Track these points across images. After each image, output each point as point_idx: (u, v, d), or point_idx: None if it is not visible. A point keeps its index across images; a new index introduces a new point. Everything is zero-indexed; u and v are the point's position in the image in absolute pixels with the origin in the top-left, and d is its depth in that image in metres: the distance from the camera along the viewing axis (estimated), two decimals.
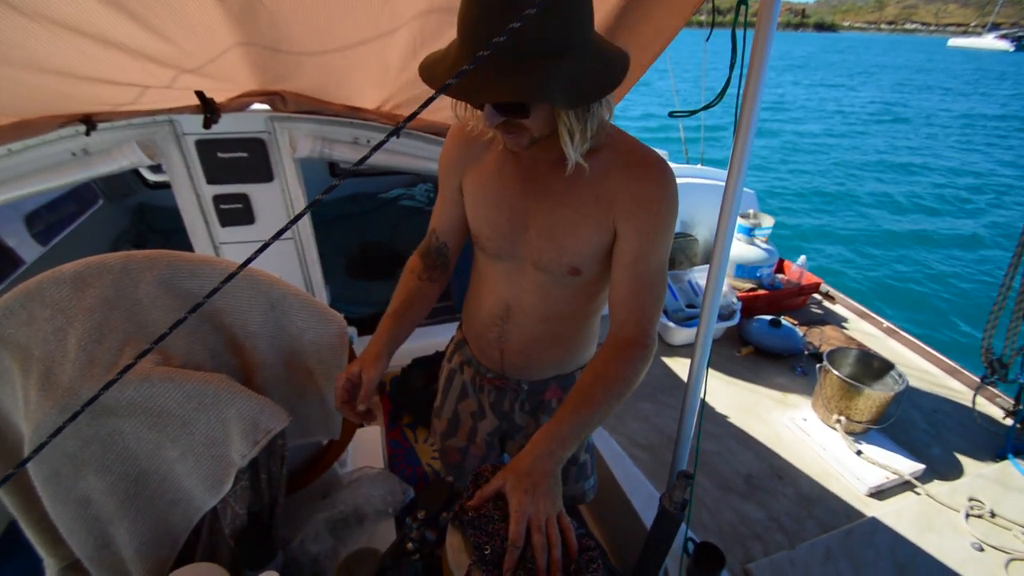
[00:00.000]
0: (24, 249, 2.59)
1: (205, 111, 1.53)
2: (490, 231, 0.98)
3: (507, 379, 1.16)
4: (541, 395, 1.18)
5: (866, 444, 2.21)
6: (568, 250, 0.92)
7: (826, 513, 1.96)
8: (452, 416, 1.29)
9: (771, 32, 0.71)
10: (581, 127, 0.77)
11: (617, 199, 0.87)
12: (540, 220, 0.92)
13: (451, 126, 1.02)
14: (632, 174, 0.85)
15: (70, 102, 1.42)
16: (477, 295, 1.13)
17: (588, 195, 0.88)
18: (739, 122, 0.77)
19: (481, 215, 0.99)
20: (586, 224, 0.89)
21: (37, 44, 0.97)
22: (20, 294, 0.83)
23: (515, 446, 1.29)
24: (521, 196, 0.93)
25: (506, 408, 1.21)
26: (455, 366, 1.26)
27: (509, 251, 0.98)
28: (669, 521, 0.86)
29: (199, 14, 1.03)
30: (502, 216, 0.95)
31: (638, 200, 0.86)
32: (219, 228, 1.92)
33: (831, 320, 3.14)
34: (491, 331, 1.10)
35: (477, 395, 1.23)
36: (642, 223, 0.87)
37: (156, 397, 0.84)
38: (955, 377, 2.72)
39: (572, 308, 1.04)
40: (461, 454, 1.31)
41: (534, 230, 0.94)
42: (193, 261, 0.91)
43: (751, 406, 2.48)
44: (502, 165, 0.94)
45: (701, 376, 0.95)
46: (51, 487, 0.86)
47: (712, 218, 3.33)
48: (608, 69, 0.72)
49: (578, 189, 0.88)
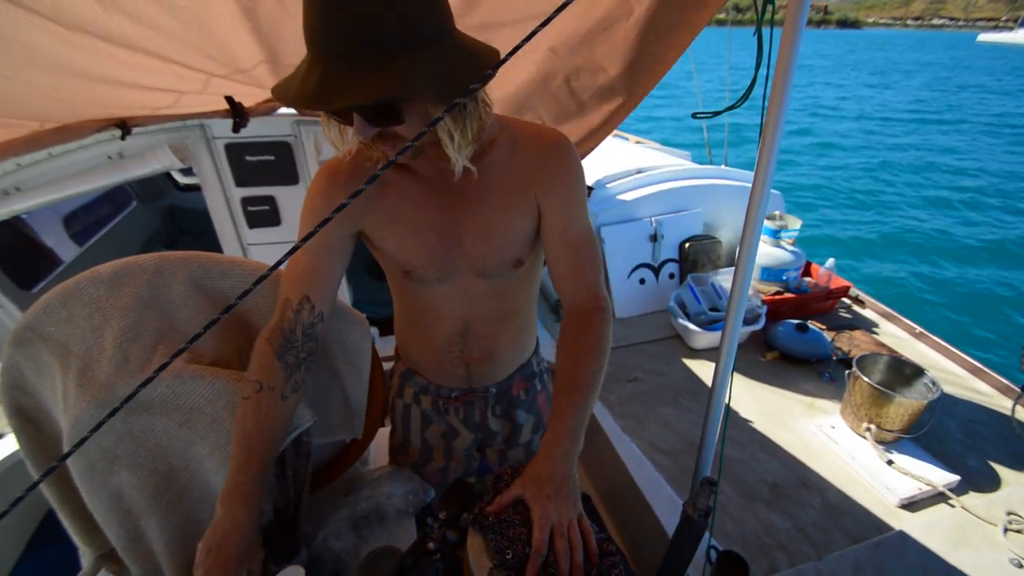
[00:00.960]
0: (62, 249, 2.69)
1: (235, 116, 1.57)
2: (423, 259, 0.92)
3: (475, 391, 1.15)
4: (509, 393, 1.18)
5: (897, 454, 2.14)
6: (508, 246, 0.92)
7: (855, 524, 1.90)
8: (422, 445, 1.24)
9: (799, 30, 0.69)
10: (460, 128, 0.74)
11: (533, 179, 0.88)
12: (471, 228, 0.90)
13: (319, 173, 0.91)
14: (537, 152, 0.87)
15: (107, 107, 1.47)
16: (420, 326, 1.08)
17: (506, 186, 0.88)
18: (765, 124, 0.76)
19: (408, 248, 0.92)
20: (515, 214, 0.90)
21: (75, 53, 1.01)
22: (60, 293, 0.87)
23: (494, 452, 1.27)
24: (440, 212, 0.89)
25: (478, 419, 1.19)
26: (408, 400, 1.21)
27: (448, 271, 0.94)
28: (692, 528, 0.84)
29: (231, 35, 1.06)
30: (431, 240, 0.90)
31: (551, 172, 0.88)
32: (247, 230, 1.97)
33: (860, 325, 3.05)
34: (451, 352, 1.08)
35: (443, 417, 1.20)
36: (562, 194, 0.89)
37: (187, 394, 0.86)
38: (993, 386, 2.62)
39: (522, 296, 1.05)
40: (442, 474, 1.28)
41: (468, 239, 0.91)
42: (223, 262, 0.93)
43: (777, 413, 2.43)
44: (407, 190, 0.89)
45: (726, 381, 0.94)
46: (87, 479, 0.90)
47: (736, 220, 3.30)
48: (474, 62, 0.69)
49: (494, 184, 0.88)
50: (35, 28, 0.88)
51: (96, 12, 0.86)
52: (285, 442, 0.90)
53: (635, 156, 3.64)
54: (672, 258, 3.13)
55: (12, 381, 0.91)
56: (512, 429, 1.22)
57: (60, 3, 0.82)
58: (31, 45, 0.94)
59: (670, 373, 2.70)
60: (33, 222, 2.57)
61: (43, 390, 0.92)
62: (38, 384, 0.92)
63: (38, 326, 0.86)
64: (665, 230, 3.04)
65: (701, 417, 2.46)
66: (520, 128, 0.90)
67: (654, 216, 3.03)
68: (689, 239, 3.13)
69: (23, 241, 2.50)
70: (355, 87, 0.61)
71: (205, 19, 0.97)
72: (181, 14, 0.94)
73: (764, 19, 0.75)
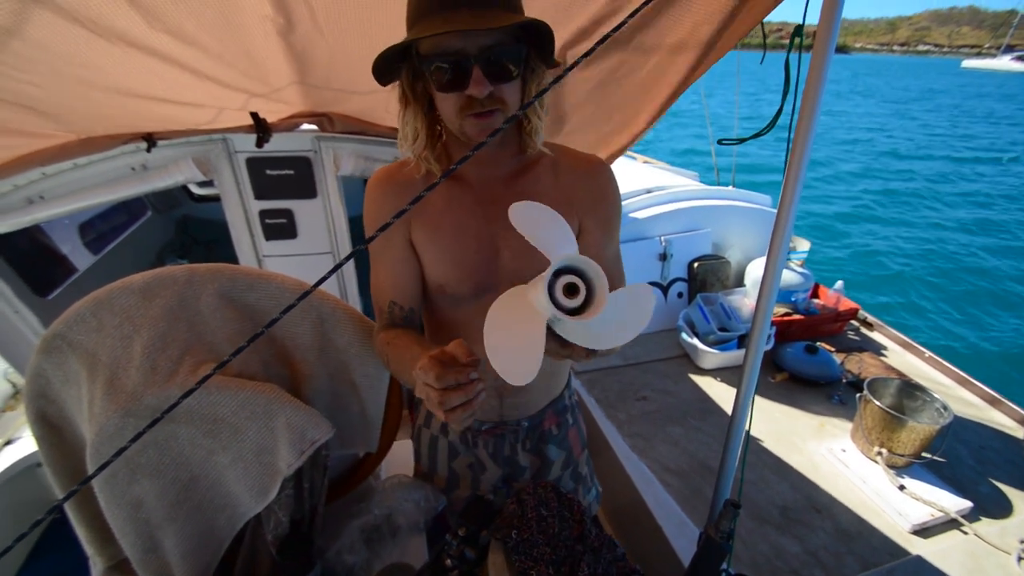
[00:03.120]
0: (77, 257, 2.72)
1: (258, 131, 1.60)
2: (460, 272, 0.91)
3: (506, 423, 1.11)
4: (540, 427, 1.14)
5: (909, 479, 2.12)
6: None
7: (867, 550, 1.88)
8: (449, 474, 1.21)
9: (828, 57, 0.71)
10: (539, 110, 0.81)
11: (575, 198, 0.90)
12: (512, 241, 0.88)
13: (371, 181, 0.93)
14: (582, 172, 0.91)
15: (134, 120, 1.51)
16: None
17: (549, 202, 0.86)
18: (792, 151, 0.77)
19: (445, 259, 0.91)
20: None
21: (111, 65, 1.04)
22: (91, 302, 0.88)
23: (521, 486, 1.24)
24: (484, 223, 0.88)
25: (507, 453, 1.16)
26: (435, 432, 1.18)
27: (484, 285, 0.91)
28: (715, 552, 0.84)
29: (265, 52, 1.09)
30: (468, 250, 0.89)
31: (594, 195, 0.91)
32: (263, 241, 1.99)
33: (869, 347, 3.04)
34: (484, 380, 1.04)
35: (471, 450, 1.16)
36: (601, 215, 0.92)
37: (212, 404, 0.87)
38: (1004, 412, 2.60)
39: None
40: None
41: (508, 252, 0.90)
42: (251, 275, 0.95)
43: (786, 434, 2.41)
44: (451, 199, 0.88)
45: (747, 404, 0.94)
46: (107, 489, 0.90)
47: (745, 241, 3.31)
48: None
49: (538, 199, 0.86)
50: (74, 39, 0.91)
51: (136, 24, 0.89)
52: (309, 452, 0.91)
53: (644, 175, 3.68)
54: (681, 277, 3.15)
55: (38, 389, 0.92)
56: (542, 464, 1.18)
57: (102, 13, 0.84)
58: (68, 56, 0.97)
59: (678, 392, 2.69)
60: (49, 230, 2.60)
61: (68, 398, 0.93)
62: (63, 392, 0.92)
63: (68, 334, 0.88)
64: (674, 249, 3.06)
65: (710, 437, 2.45)
66: (561, 149, 0.93)
67: (663, 235, 3.05)
68: (698, 259, 3.14)
69: (40, 248, 2.53)
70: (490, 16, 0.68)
71: (242, 37, 1.00)
72: (219, 32, 0.97)
73: (793, 45, 0.77)
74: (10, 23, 0.82)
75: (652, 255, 3.03)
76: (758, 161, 10.14)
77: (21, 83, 1.05)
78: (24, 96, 1.12)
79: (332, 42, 1.07)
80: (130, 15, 0.86)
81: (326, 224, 2.01)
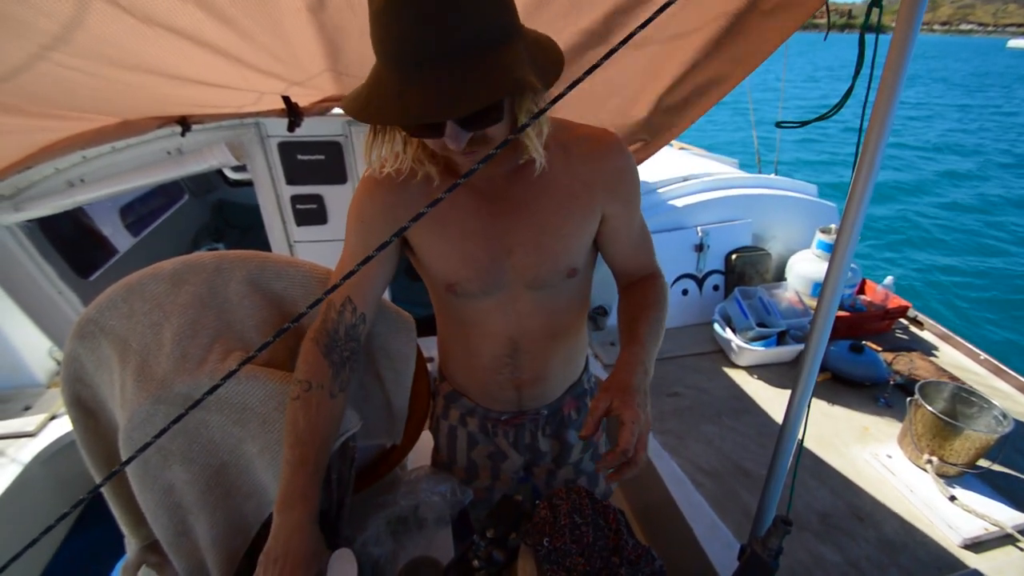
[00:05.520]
0: (118, 239, 2.80)
1: (290, 115, 1.59)
2: (470, 271, 0.87)
3: (525, 413, 1.10)
4: (560, 413, 1.14)
5: (960, 489, 1.99)
6: (563, 254, 0.88)
7: (913, 563, 1.77)
8: (468, 464, 1.21)
9: (913, 35, 0.62)
10: (537, 126, 0.72)
11: (594, 182, 0.85)
12: (523, 236, 0.85)
13: (363, 178, 0.89)
14: (595, 154, 0.84)
15: (169, 104, 1.51)
16: (466, 345, 1.03)
17: (562, 191, 0.84)
18: (866, 139, 0.69)
19: (452, 258, 0.87)
20: (573, 219, 0.86)
21: (148, 48, 1.02)
22: (122, 288, 0.88)
23: (542, 471, 1.23)
24: (490, 220, 0.85)
25: (528, 440, 1.15)
26: (454, 423, 1.17)
27: (494, 283, 0.89)
28: (762, 570, 0.79)
29: (296, 31, 1.06)
30: (478, 249, 0.86)
31: (614, 176, 0.85)
32: (294, 227, 1.99)
33: (918, 348, 2.87)
34: (500, 373, 1.03)
35: (491, 439, 1.16)
36: (623, 194, 0.87)
37: (241, 394, 0.86)
38: None
39: (573, 310, 1.00)
40: (487, 493, 1.25)
41: (519, 249, 0.86)
42: (279, 263, 0.93)
43: (828, 437, 2.31)
44: (453, 196, 0.84)
45: (801, 415, 0.87)
46: (139, 474, 0.90)
47: (787, 232, 3.16)
48: (549, 48, 0.68)
49: (549, 188, 0.84)
50: (112, 20, 0.89)
51: (174, 6, 0.87)
52: (335, 444, 0.89)
53: (680, 162, 3.54)
54: (717, 269, 3.03)
55: (73, 372, 0.92)
56: (562, 448, 1.17)
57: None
58: (106, 38, 0.95)
59: (712, 389, 2.60)
60: (92, 212, 2.68)
61: (101, 383, 0.93)
62: (97, 376, 0.93)
63: (100, 319, 0.88)
64: (711, 240, 2.94)
65: (745, 437, 2.36)
66: (568, 129, 0.85)
67: (700, 225, 2.94)
68: (736, 250, 3.02)
69: (82, 231, 2.61)
70: (470, 90, 0.57)
71: (272, 12, 0.97)
72: (251, 9, 0.94)
73: (868, 23, 0.68)
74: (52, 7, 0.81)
75: (688, 246, 2.92)
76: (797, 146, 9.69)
77: (60, 66, 1.05)
78: (63, 79, 1.12)
79: (364, 22, 1.03)
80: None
81: None
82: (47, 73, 1.07)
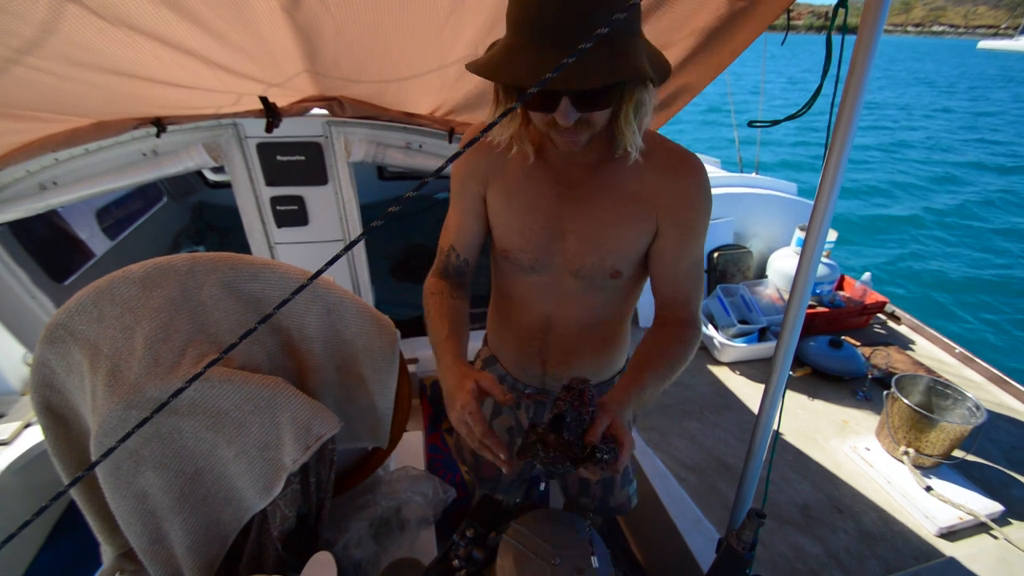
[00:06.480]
0: (95, 242, 2.74)
1: (268, 116, 1.57)
2: (523, 242, 0.93)
3: (548, 392, 1.13)
4: None
5: (936, 480, 2.04)
6: (610, 253, 0.90)
7: (891, 553, 1.81)
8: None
9: (877, 35, 0.64)
10: (638, 119, 0.75)
11: (656, 197, 0.86)
12: (579, 225, 0.89)
13: (464, 134, 0.97)
14: (670, 172, 0.85)
15: (143, 104, 1.48)
16: (507, 313, 1.08)
17: (626, 196, 0.86)
18: (833, 136, 0.70)
19: (513, 226, 0.93)
20: (628, 225, 0.88)
21: (116, 49, 1.01)
22: (92, 292, 0.86)
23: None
24: (556, 202, 0.89)
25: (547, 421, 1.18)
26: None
27: (544, 261, 0.94)
28: (736, 563, 0.80)
29: (271, 32, 1.05)
30: (536, 224, 0.91)
31: (678, 197, 0.86)
32: (275, 228, 1.96)
33: (896, 342, 2.94)
34: (531, 345, 1.06)
35: (514, 412, 1.20)
36: (682, 220, 0.87)
37: (215, 398, 0.85)
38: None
39: (611, 311, 1.02)
40: (496, 469, 1.27)
41: (572, 236, 0.90)
42: (255, 264, 0.92)
43: (808, 431, 2.34)
44: (530, 171, 0.89)
45: (776, 407, 0.88)
46: (112, 480, 0.88)
47: (767, 230, 3.21)
48: (660, 55, 0.73)
49: (616, 190, 0.86)
50: (83, 24, 0.88)
51: (145, 9, 0.85)
52: (320, 442, 0.88)
53: None
54: None
55: (43, 378, 0.90)
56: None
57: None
58: (77, 41, 0.94)
59: (695, 386, 2.63)
60: (67, 215, 2.62)
61: (72, 388, 0.91)
62: (68, 382, 0.91)
63: (70, 324, 0.86)
64: None
65: (727, 432, 2.39)
66: (656, 140, 0.87)
67: None
68: (718, 248, 3.05)
69: (57, 234, 2.55)
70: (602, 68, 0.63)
71: (246, 14, 0.96)
72: (223, 9, 0.93)
73: (835, 25, 0.70)
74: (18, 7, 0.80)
75: None
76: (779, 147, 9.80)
77: (31, 69, 1.03)
78: (35, 82, 1.10)
79: (339, 21, 1.03)
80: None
81: (337, 211, 1.98)
82: (19, 77, 1.05)
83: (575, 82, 0.63)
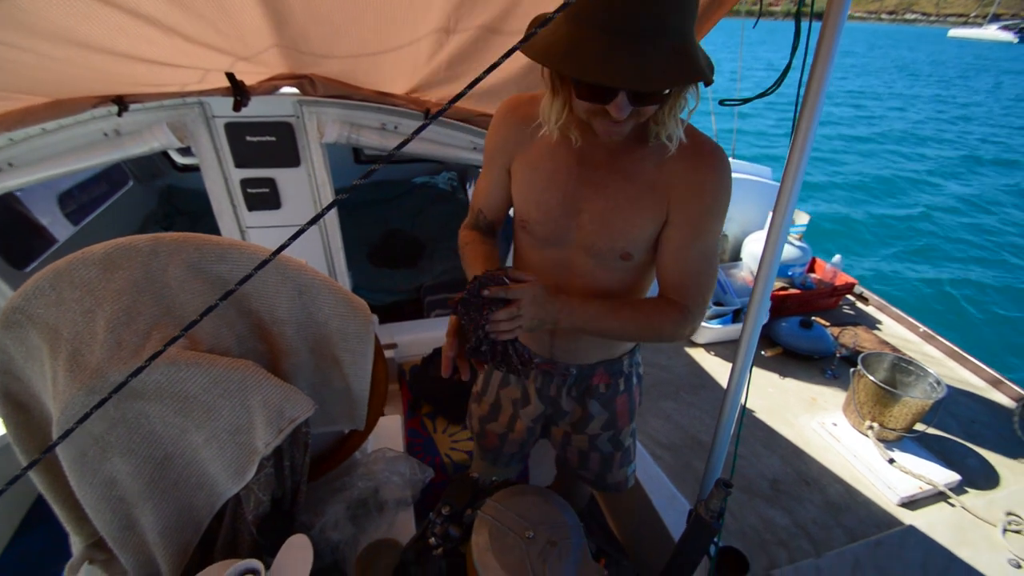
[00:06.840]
0: (57, 228, 2.64)
1: (235, 94, 1.52)
2: (540, 215, 0.97)
3: (555, 363, 1.16)
4: (589, 380, 1.18)
5: (899, 452, 2.13)
6: (622, 236, 0.93)
7: (855, 522, 1.89)
8: (494, 402, 1.29)
9: (842, 18, 0.65)
10: (676, 114, 0.79)
11: (673, 187, 0.88)
12: (595, 205, 0.92)
13: (501, 105, 0.99)
14: (691, 163, 0.86)
15: (103, 81, 1.42)
16: None
17: (644, 182, 0.89)
18: (799, 118, 0.72)
19: (532, 199, 0.97)
20: (642, 211, 0.90)
21: (78, 21, 0.96)
22: (50, 274, 0.83)
23: (559, 432, 1.29)
24: (576, 181, 0.92)
25: (552, 393, 1.21)
26: None
27: (559, 236, 0.97)
28: (704, 531, 0.82)
29: (239, 6, 1.02)
30: (554, 200, 0.94)
31: (693, 189, 0.87)
32: (246, 212, 1.92)
33: (864, 322, 3.03)
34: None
35: (522, 382, 1.23)
36: (693, 212, 0.89)
37: (182, 382, 0.83)
38: (997, 388, 2.61)
39: (622, 291, 1.04)
40: (500, 439, 1.32)
41: (587, 215, 0.93)
42: (222, 245, 0.90)
43: (778, 409, 2.42)
44: (555, 149, 0.92)
45: (743, 382, 0.91)
46: (77, 468, 0.86)
47: (743, 214, 3.25)
48: (708, 58, 0.75)
49: (635, 176, 0.89)
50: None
51: None
52: (292, 428, 0.87)
53: None
54: None
55: (1, 365, 0.87)
56: (582, 415, 1.22)
57: None
58: (29, 8, 0.89)
59: (671, 367, 2.68)
60: (27, 200, 2.52)
61: (32, 374, 0.88)
62: (27, 368, 0.88)
63: (27, 308, 0.83)
64: None
65: (702, 411, 2.45)
66: (686, 132, 0.88)
67: None
68: None
69: (17, 219, 2.45)
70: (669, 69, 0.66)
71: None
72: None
73: (802, 8, 0.70)
74: None
75: None
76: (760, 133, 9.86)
77: None
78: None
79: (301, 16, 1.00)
80: None
81: (311, 194, 1.94)
82: None
83: (639, 82, 0.65)
